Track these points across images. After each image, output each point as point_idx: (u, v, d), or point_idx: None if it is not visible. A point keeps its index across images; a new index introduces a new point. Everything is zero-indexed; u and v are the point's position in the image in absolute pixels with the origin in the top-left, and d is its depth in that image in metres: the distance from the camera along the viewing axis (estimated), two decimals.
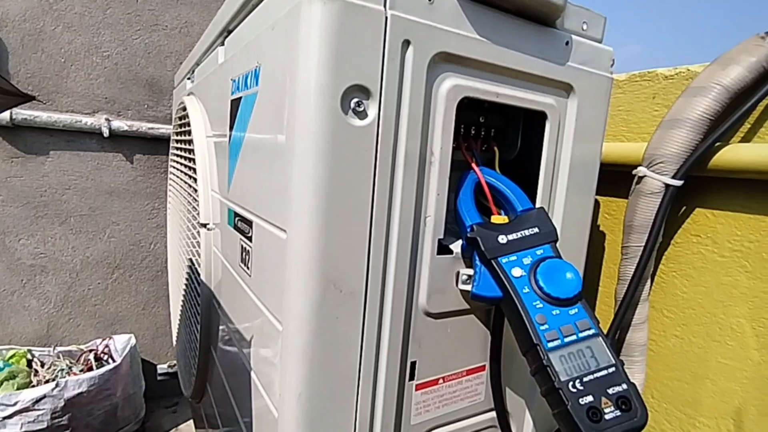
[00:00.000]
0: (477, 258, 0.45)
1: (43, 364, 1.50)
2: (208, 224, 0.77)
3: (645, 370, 0.70)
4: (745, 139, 0.62)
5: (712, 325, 0.65)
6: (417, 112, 0.43)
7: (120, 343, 1.57)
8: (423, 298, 0.47)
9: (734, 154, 0.59)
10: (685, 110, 0.61)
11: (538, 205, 0.53)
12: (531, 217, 0.45)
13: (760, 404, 0.60)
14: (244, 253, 0.56)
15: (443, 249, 0.48)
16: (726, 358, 0.64)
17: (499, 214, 0.50)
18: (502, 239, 0.44)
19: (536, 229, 0.44)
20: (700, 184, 0.66)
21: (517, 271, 0.42)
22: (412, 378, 0.49)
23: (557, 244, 0.45)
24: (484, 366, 0.54)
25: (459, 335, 0.51)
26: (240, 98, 0.57)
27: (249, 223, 0.54)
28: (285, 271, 0.42)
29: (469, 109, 0.52)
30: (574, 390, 0.37)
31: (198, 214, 0.80)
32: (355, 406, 0.45)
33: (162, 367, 1.44)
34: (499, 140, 0.56)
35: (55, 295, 1.55)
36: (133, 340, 1.57)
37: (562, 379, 0.37)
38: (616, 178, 0.73)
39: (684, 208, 0.68)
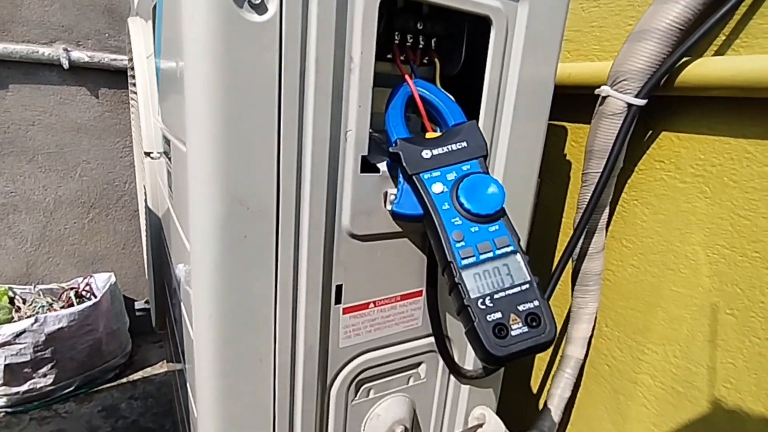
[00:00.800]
0: (400, 175, 0.41)
1: (24, 301, 1.52)
2: (152, 153, 0.73)
3: (599, 299, 0.69)
4: (719, 52, 0.57)
5: (667, 254, 0.63)
6: (329, 9, 0.38)
7: (101, 281, 1.59)
8: (347, 219, 0.44)
9: (703, 68, 0.54)
10: (654, 19, 0.55)
11: (481, 127, 0.49)
12: (460, 131, 0.41)
13: (706, 331, 0.59)
14: (168, 176, 0.53)
15: (369, 167, 0.44)
16: (678, 286, 0.62)
17: (435, 131, 0.46)
18: (426, 154, 0.40)
19: (464, 144, 0.41)
20: (667, 104, 0.61)
21: (438, 187, 0.39)
22: (338, 302, 0.48)
23: (486, 160, 0.41)
24: (421, 291, 0.53)
25: (391, 259, 0.49)
26: (155, 5, 0.51)
27: (169, 143, 0.50)
28: (188, 187, 0.39)
29: (404, 14, 0.47)
30: (483, 307, 0.35)
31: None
32: (274, 328, 0.44)
33: (139, 303, 1.46)
34: (441, 52, 0.51)
35: (31, 234, 1.54)
36: (113, 278, 1.58)
37: (472, 296, 0.35)
38: (585, 102, 0.68)
39: (650, 132, 0.64)
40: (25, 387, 1.39)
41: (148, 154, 0.73)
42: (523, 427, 0.71)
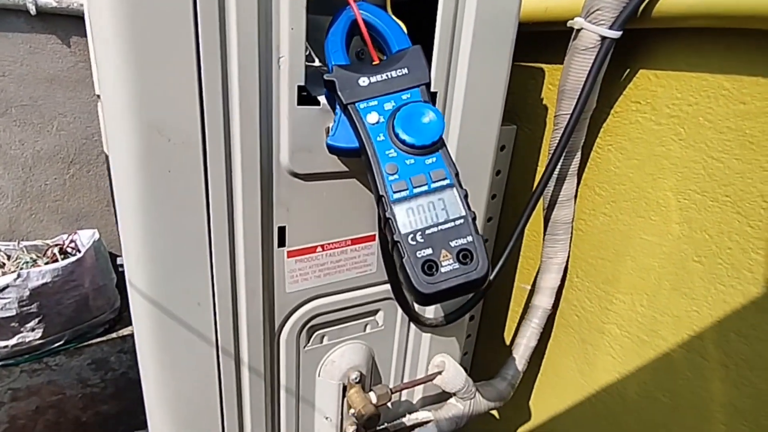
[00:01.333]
0: (337, 105, 0.38)
1: (9, 257, 1.51)
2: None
3: (568, 249, 0.68)
4: None
5: (639, 201, 0.61)
6: None
7: (85, 238, 1.58)
8: (285, 156, 0.42)
9: None
10: None
11: (434, 66, 0.45)
12: (402, 56, 0.38)
13: (674, 279, 0.58)
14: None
15: (308, 99, 0.41)
16: (648, 234, 0.60)
17: (381, 60, 0.43)
18: (363, 82, 0.37)
19: (405, 70, 0.37)
20: (643, 38, 0.57)
21: (373, 117, 0.36)
22: (282, 244, 0.46)
23: (429, 89, 0.38)
24: (374, 236, 0.51)
25: (339, 200, 0.47)
26: None
27: None
28: (106, 116, 0.37)
29: None
30: (414, 243, 0.33)
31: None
32: (210, 270, 0.42)
33: (120, 259, 1.46)
34: None
35: (11, 190, 1.52)
36: (97, 235, 1.57)
37: (403, 231, 0.33)
38: (564, 41, 0.64)
39: (627, 70, 0.60)
40: (13, 341, 1.41)
41: (99, 96, 0.70)
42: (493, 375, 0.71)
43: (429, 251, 0.32)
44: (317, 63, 0.51)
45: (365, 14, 0.42)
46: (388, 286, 0.54)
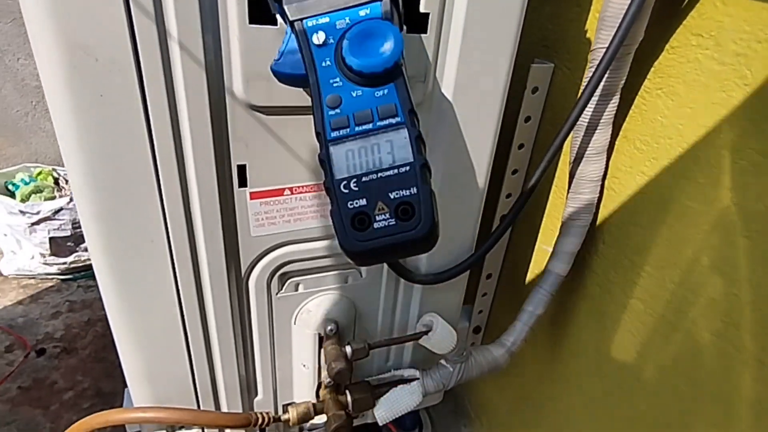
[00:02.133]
0: (286, 22, 0.32)
1: (67, 181, 1.62)
2: None
3: (594, 210, 0.59)
4: None
5: (686, 159, 0.50)
6: None
7: None
8: (238, 84, 0.37)
9: None
10: None
11: None
12: None
13: (714, 255, 0.48)
14: None
15: (263, 17, 0.35)
16: (692, 199, 0.50)
17: None
18: None
19: None
20: None
21: (320, 37, 0.30)
22: (243, 185, 0.42)
23: (397, 4, 0.31)
24: None
25: (308, 138, 0.42)
26: None
27: None
28: (29, 34, 0.33)
29: None
30: (346, 191, 0.27)
31: None
32: (161, 206, 0.39)
33: None
34: None
35: None
36: None
37: (337, 177, 0.28)
38: None
39: None
40: (70, 258, 1.54)
41: None
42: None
43: (363, 202, 0.27)
44: None
45: None
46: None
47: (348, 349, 0.50)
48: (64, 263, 1.54)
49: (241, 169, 0.41)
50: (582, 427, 0.71)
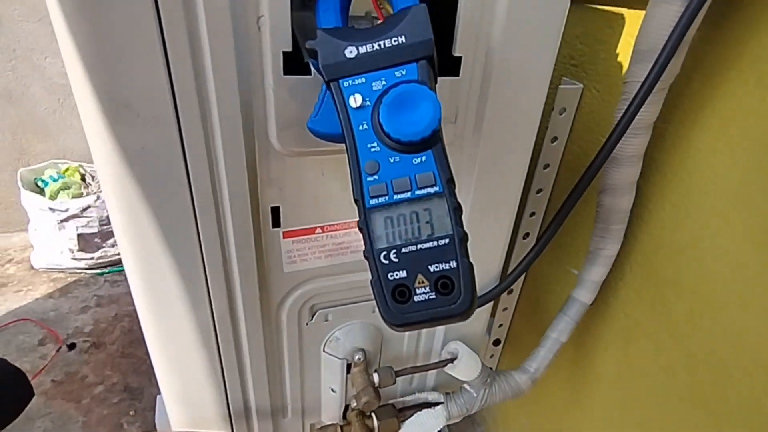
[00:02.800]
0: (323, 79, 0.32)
1: (93, 178, 1.66)
2: None
3: (621, 241, 0.58)
4: None
5: (721, 196, 0.49)
6: None
7: None
8: (273, 133, 0.37)
9: None
10: None
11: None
12: (401, 19, 0.30)
13: (746, 295, 0.47)
14: None
15: (297, 67, 0.35)
16: (725, 237, 0.49)
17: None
18: (350, 52, 0.30)
19: (402, 39, 0.30)
20: None
21: (357, 99, 0.30)
22: (277, 225, 0.42)
23: (433, 65, 0.30)
24: None
25: (339, 179, 0.42)
26: None
27: None
28: (73, 87, 0.34)
29: None
30: (386, 262, 0.28)
31: None
32: (199, 245, 0.40)
33: None
34: None
35: None
36: None
37: (377, 246, 0.28)
38: None
39: (730, 25, 0.46)
40: (97, 254, 1.58)
41: None
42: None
43: (403, 274, 0.27)
44: None
45: None
46: None
47: (375, 377, 0.51)
48: (92, 258, 1.58)
49: (275, 210, 0.41)
50: None
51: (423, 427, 0.57)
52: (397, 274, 0.27)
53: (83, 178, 1.66)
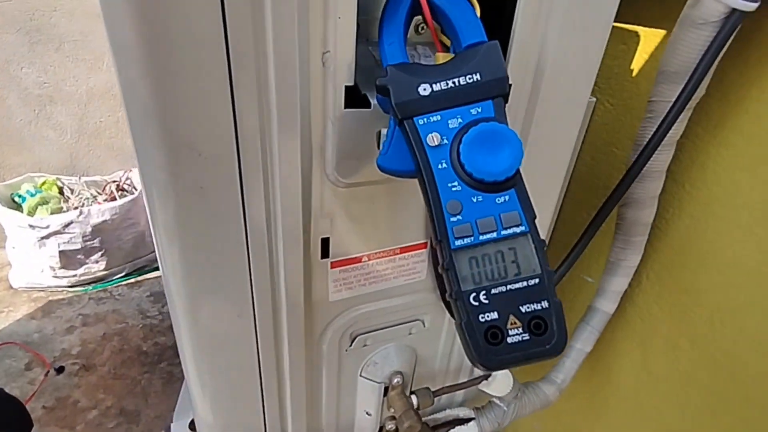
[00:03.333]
0: (391, 116, 0.32)
1: (72, 191, 1.59)
2: None
3: (642, 252, 0.60)
4: None
5: (741, 209, 0.51)
6: None
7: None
8: (331, 165, 0.36)
9: None
10: None
11: (514, 38, 0.37)
12: (474, 56, 0.30)
13: (765, 300, 0.50)
14: None
15: (358, 100, 0.35)
16: (744, 248, 0.51)
17: (448, 51, 0.35)
18: (424, 89, 0.30)
19: (477, 76, 0.30)
20: None
21: (434, 138, 0.30)
22: (326, 256, 0.42)
23: (506, 101, 0.31)
24: (425, 243, 0.46)
25: (387, 207, 0.42)
26: None
27: None
28: (130, 127, 0.32)
29: None
30: (476, 303, 0.28)
31: None
32: (250, 282, 0.39)
33: None
34: None
35: (70, 126, 1.56)
36: None
37: (464, 288, 0.28)
38: (672, 2, 0.51)
39: (754, 46, 0.48)
40: (80, 270, 1.52)
41: None
42: (542, 377, 0.67)
43: (494, 315, 0.27)
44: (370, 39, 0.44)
45: None
46: (436, 293, 0.50)
47: (414, 399, 0.51)
48: (74, 275, 1.52)
49: (325, 241, 0.41)
50: None
51: None
52: (488, 316, 0.28)
53: (61, 192, 1.59)
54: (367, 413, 0.55)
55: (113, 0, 0.27)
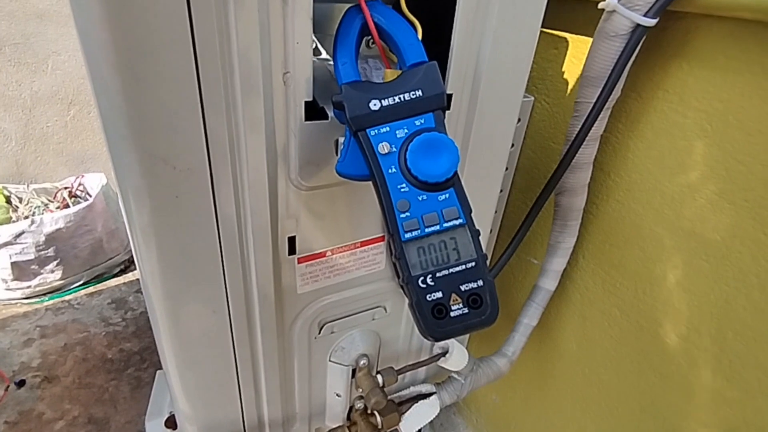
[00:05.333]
0: (347, 128, 0.36)
1: (21, 200, 1.53)
2: None
3: (576, 234, 0.67)
4: None
5: (654, 193, 0.59)
6: None
7: (93, 182, 1.58)
8: (294, 172, 0.41)
9: None
10: None
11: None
12: (417, 74, 0.35)
13: (678, 274, 0.58)
14: None
15: (317, 113, 0.39)
16: (659, 226, 0.59)
17: (395, 66, 0.40)
18: (375, 105, 0.35)
19: (419, 92, 0.35)
20: (680, 23, 0.52)
21: (384, 147, 0.34)
22: (293, 252, 0.46)
23: (444, 113, 0.36)
24: (383, 237, 0.51)
25: (348, 206, 0.46)
26: None
27: None
28: (107, 143, 0.35)
29: None
30: (424, 285, 0.33)
31: None
32: (224, 280, 0.43)
33: None
34: None
35: (14, 132, 1.50)
36: (105, 179, 1.57)
37: (413, 273, 0.33)
38: (594, 9, 0.58)
39: (658, 55, 0.56)
40: (35, 281, 1.48)
41: None
42: (494, 352, 0.74)
43: (439, 294, 0.33)
44: (324, 55, 0.48)
45: (377, 16, 0.38)
46: (395, 281, 0.55)
47: (380, 378, 0.56)
48: (29, 287, 1.47)
49: (291, 240, 0.45)
50: (566, 413, 0.82)
51: (421, 417, 0.63)
52: (434, 295, 0.33)
53: (8, 201, 1.53)
54: (337, 395, 0.60)
55: (88, 24, 0.30)
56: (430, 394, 0.65)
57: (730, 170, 0.51)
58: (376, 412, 0.61)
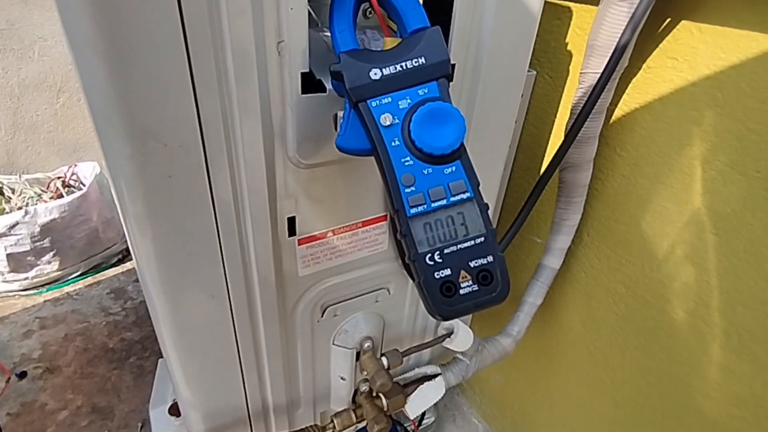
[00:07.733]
0: (346, 100, 0.35)
1: (14, 191, 1.51)
2: None
3: (581, 211, 0.66)
4: None
5: (662, 166, 0.58)
6: None
7: (86, 171, 1.56)
8: (292, 148, 0.39)
9: None
10: None
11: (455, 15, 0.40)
12: (419, 41, 0.33)
13: (687, 248, 0.57)
14: None
15: (314, 85, 0.37)
16: (667, 201, 0.58)
17: (395, 36, 0.38)
18: (375, 74, 0.33)
19: (422, 60, 0.33)
20: None
21: (387, 119, 0.33)
22: (292, 234, 0.44)
23: (449, 81, 0.34)
24: (385, 216, 0.49)
25: (348, 185, 0.45)
26: None
27: None
28: (94, 122, 0.33)
29: None
30: (431, 263, 0.31)
31: None
32: (222, 264, 0.41)
33: None
34: None
35: (3, 122, 1.47)
36: (98, 168, 1.55)
37: (420, 250, 0.32)
38: None
39: (667, 20, 0.53)
40: (32, 273, 1.46)
41: None
42: (499, 331, 0.73)
43: (447, 272, 0.31)
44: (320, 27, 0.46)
45: None
46: (398, 262, 0.54)
47: (384, 360, 0.56)
48: (26, 278, 1.46)
49: (291, 220, 0.43)
50: (571, 391, 0.82)
51: (426, 399, 0.62)
52: (443, 273, 0.31)
53: (1, 192, 1.51)
54: (341, 378, 0.59)
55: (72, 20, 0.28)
56: (435, 376, 0.64)
57: (743, 140, 0.49)
58: (381, 395, 0.60)
